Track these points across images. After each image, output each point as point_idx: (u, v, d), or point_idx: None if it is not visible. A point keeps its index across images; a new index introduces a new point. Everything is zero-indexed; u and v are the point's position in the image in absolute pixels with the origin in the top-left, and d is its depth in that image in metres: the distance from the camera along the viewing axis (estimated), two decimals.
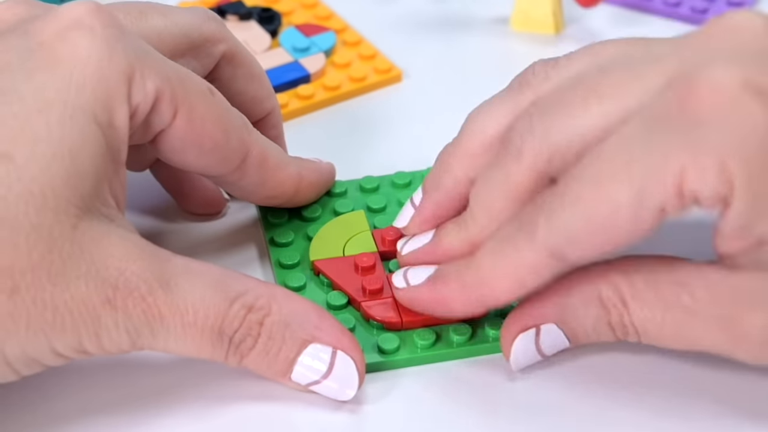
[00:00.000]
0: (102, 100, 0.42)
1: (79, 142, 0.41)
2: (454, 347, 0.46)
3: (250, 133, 0.47)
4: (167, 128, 0.44)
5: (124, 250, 0.41)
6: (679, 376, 0.46)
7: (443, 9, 0.67)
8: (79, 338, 0.41)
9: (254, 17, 0.64)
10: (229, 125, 0.46)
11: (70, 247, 0.40)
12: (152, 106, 0.43)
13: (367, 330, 0.47)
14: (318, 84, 0.61)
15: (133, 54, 0.43)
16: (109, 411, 0.44)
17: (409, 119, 0.59)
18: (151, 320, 0.41)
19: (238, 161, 0.47)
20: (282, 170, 0.49)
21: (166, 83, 0.44)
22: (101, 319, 0.41)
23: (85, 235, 0.41)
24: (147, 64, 0.43)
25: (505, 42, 0.64)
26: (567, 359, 0.46)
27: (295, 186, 0.50)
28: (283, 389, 0.44)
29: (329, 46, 0.62)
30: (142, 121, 0.44)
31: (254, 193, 0.49)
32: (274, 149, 0.49)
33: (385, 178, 0.54)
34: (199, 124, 0.45)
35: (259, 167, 0.47)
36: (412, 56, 0.63)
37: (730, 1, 0.65)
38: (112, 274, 0.41)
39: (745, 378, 0.46)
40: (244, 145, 0.47)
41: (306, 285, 0.49)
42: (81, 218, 0.41)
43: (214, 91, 0.46)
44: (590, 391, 0.45)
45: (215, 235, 0.52)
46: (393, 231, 0.50)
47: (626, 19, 0.66)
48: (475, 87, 0.61)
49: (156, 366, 0.46)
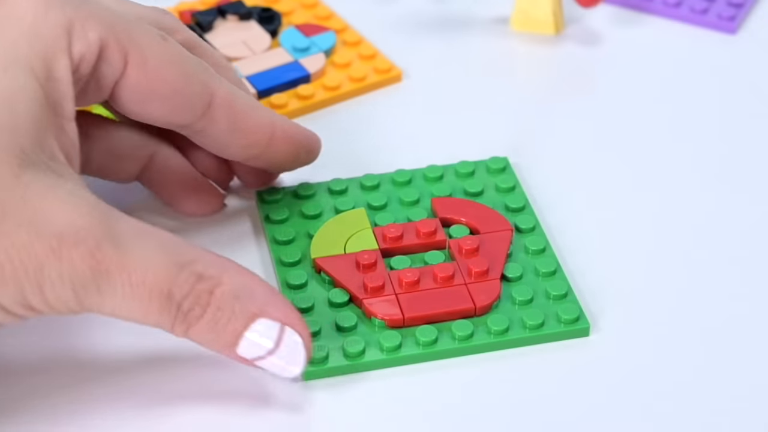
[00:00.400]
0: (39, 53, 0.42)
1: (14, 94, 0.41)
2: (456, 344, 0.46)
3: (212, 77, 0.47)
4: (121, 78, 0.44)
5: (73, 204, 0.40)
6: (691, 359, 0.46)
7: (443, 9, 0.67)
8: (22, 291, 0.40)
9: (254, 17, 0.64)
10: (188, 69, 0.46)
11: (10, 196, 0.40)
12: (98, 56, 0.43)
13: (369, 327, 0.47)
14: (318, 84, 0.61)
15: (71, 6, 0.43)
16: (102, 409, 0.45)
17: (409, 119, 0.59)
18: (98, 276, 0.40)
19: (203, 106, 0.46)
20: (252, 114, 0.48)
21: (109, 31, 0.43)
22: (44, 270, 0.40)
23: (29, 187, 0.40)
24: (88, 13, 0.43)
25: (505, 42, 0.64)
26: (567, 358, 0.46)
27: (269, 133, 0.48)
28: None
29: (329, 46, 0.62)
30: (90, 72, 0.43)
31: (226, 143, 0.48)
32: (242, 94, 0.48)
33: (386, 176, 0.54)
34: (153, 70, 0.44)
35: (228, 111, 0.47)
36: (412, 56, 0.63)
37: (730, 1, 0.65)
38: (57, 226, 0.40)
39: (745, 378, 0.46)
40: (207, 88, 0.46)
41: (307, 282, 0.49)
42: (24, 169, 0.40)
43: (167, 37, 0.46)
44: (594, 389, 0.45)
45: (216, 232, 0.52)
46: (394, 228, 0.50)
47: (626, 19, 0.66)
48: (475, 87, 0.61)
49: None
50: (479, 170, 0.54)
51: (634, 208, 0.54)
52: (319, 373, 0.45)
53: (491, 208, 0.52)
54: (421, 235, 0.50)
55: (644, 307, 0.49)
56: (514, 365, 0.46)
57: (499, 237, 0.50)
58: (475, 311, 0.47)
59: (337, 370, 0.46)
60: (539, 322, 0.47)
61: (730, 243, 0.52)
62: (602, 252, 0.51)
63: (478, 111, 0.60)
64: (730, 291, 0.50)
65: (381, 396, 0.45)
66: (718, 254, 0.51)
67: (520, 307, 0.48)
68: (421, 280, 0.48)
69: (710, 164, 0.56)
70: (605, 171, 0.56)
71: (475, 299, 0.47)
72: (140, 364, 0.46)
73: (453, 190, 0.53)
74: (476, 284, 0.48)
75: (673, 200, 0.54)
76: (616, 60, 0.63)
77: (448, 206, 0.52)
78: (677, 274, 0.50)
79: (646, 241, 0.52)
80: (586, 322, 0.47)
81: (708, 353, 0.47)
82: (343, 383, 0.45)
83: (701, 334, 0.48)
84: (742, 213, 0.53)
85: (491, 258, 0.49)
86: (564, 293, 0.48)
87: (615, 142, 0.58)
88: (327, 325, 0.47)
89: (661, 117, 0.59)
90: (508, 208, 0.52)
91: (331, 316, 0.47)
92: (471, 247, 0.49)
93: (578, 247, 0.51)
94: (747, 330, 0.48)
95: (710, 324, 0.48)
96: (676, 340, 0.47)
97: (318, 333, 0.46)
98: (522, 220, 0.51)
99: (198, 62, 0.47)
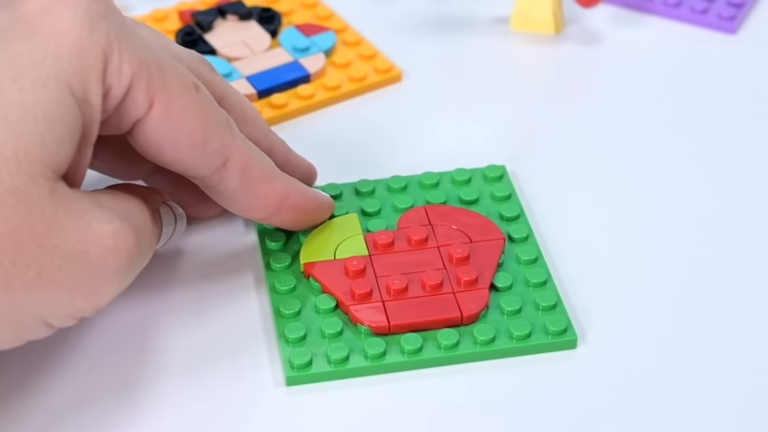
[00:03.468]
0: (78, 73, 0.42)
1: (54, 110, 0.41)
2: (441, 353, 0.46)
3: (235, 138, 0.46)
4: (142, 119, 0.44)
5: (104, 208, 0.42)
6: (679, 375, 0.46)
7: (443, 9, 0.67)
8: (72, 298, 0.41)
9: (254, 17, 0.64)
10: (211, 124, 0.45)
11: (52, 208, 0.40)
12: (126, 92, 0.43)
13: (355, 334, 0.47)
14: (318, 84, 0.61)
15: (115, 33, 0.43)
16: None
17: (409, 119, 0.59)
18: (142, 252, 0.43)
19: (217, 165, 0.46)
20: (266, 183, 0.47)
21: (143, 69, 0.43)
22: (101, 273, 0.41)
23: (65, 195, 0.41)
24: (127, 44, 0.43)
25: (505, 42, 0.64)
26: (553, 370, 0.46)
27: (279, 203, 0.48)
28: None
29: (329, 46, 0.62)
30: (116, 106, 0.43)
31: (233, 200, 0.48)
32: (261, 161, 0.47)
33: (381, 182, 0.54)
34: (176, 119, 0.44)
35: (241, 175, 0.46)
36: (412, 56, 0.63)
37: (730, 2, 0.65)
38: (108, 224, 0.41)
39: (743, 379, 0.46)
40: (226, 148, 0.46)
41: (296, 287, 0.49)
42: (57, 182, 0.41)
43: (200, 87, 0.45)
44: (580, 402, 0.45)
45: (207, 237, 0.52)
46: (385, 235, 0.50)
47: (626, 19, 0.66)
48: (475, 87, 0.61)
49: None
50: (476, 178, 0.54)
51: (631, 216, 0.53)
52: (302, 379, 0.46)
53: (485, 216, 0.52)
54: (413, 242, 0.50)
55: (634, 318, 0.49)
56: (500, 376, 0.46)
57: (490, 246, 0.50)
58: (461, 320, 0.47)
59: (320, 376, 0.46)
60: (526, 333, 0.47)
61: (725, 253, 0.52)
62: (595, 262, 0.51)
63: (478, 112, 0.60)
64: (722, 304, 0.49)
65: (364, 403, 0.45)
66: (713, 267, 0.51)
67: (507, 317, 0.48)
68: (410, 288, 0.48)
69: (710, 166, 0.56)
70: (604, 176, 0.56)
71: (462, 308, 0.47)
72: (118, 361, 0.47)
73: (448, 198, 0.53)
74: (464, 293, 0.48)
75: (672, 208, 0.54)
76: (616, 60, 0.63)
77: (440, 214, 0.52)
78: (671, 287, 0.50)
79: (641, 251, 0.52)
80: (573, 334, 0.47)
81: (698, 366, 0.47)
82: (326, 389, 0.46)
83: (690, 348, 0.47)
84: (740, 221, 0.53)
85: (481, 267, 0.49)
86: (553, 304, 0.48)
87: (614, 145, 0.57)
88: (312, 330, 0.47)
89: (660, 117, 0.59)
90: (502, 217, 0.52)
91: (317, 321, 0.47)
92: (461, 255, 0.49)
93: (572, 257, 0.51)
94: (739, 343, 0.48)
95: (700, 338, 0.48)
96: (664, 353, 0.47)
97: (303, 338, 0.47)
98: (515, 230, 0.51)
99: (223, 118, 0.46)
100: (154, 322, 0.48)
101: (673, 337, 0.48)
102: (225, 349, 0.47)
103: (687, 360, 0.47)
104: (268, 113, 0.59)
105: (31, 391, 0.45)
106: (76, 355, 0.47)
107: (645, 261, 0.51)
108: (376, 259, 0.50)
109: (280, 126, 0.59)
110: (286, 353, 0.46)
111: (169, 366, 0.46)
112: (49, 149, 0.40)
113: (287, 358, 0.46)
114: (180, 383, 0.46)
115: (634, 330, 0.48)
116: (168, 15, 0.64)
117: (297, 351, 0.46)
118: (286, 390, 0.46)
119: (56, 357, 0.46)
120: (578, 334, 0.47)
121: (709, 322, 0.48)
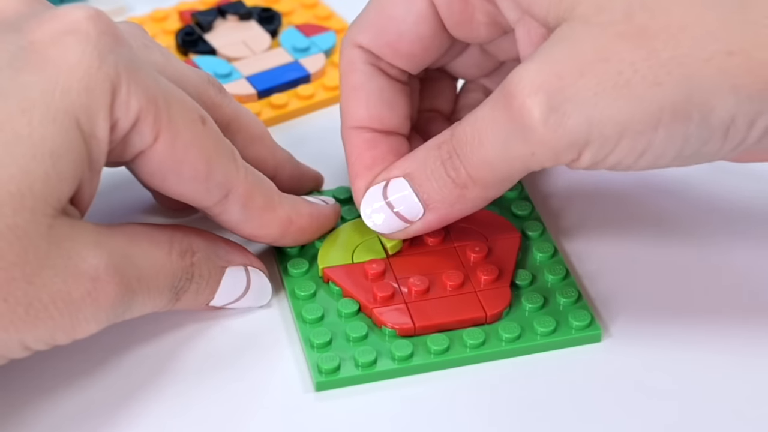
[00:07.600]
0: (86, 108, 0.41)
1: (61, 145, 0.41)
2: (468, 352, 0.46)
3: (238, 169, 0.46)
4: (146, 150, 0.44)
5: (100, 246, 0.42)
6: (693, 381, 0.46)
7: None
8: (53, 333, 0.41)
9: (254, 17, 0.63)
10: (215, 158, 0.45)
11: (46, 246, 0.40)
12: (133, 125, 0.43)
13: (380, 337, 0.47)
14: (318, 84, 0.60)
15: (123, 66, 0.42)
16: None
17: None
18: (127, 301, 0.43)
19: (219, 196, 0.46)
20: (269, 212, 0.47)
21: (151, 104, 0.43)
22: (80, 313, 0.41)
23: (60, 232, 0.41)
24: (135, 79, 0.43)
25: None
26: (579, 364, 0.46)
27: (282, 230, 0.48)
28: None
29: (329, 46, 0.62)
30: (121, 139, 0.43)
31: (237, 229, 0.48)
32: (264, 190, 0.47)
33: None
34: (180, 152, 0.44)
35: (243, 206, 0.46)
36: None
37: None
38: (91, 269, 0.41)
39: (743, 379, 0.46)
40: (228, 181, 0.46)
41: (316, 292, 0.49)
42: (56, 219, 0.41)
43: (207, 119, 0.45)
44: (607, 394, 0.46)
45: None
46: None
47: None
48: None
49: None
50: None
51: (644, 213, 0.53)
52: (330, 384, 0.45)
53: (498, 214, 0.52)
54: (429, 242, 0.50)
55: (655, 311, 0.49)
56: (526, 372, 0.46)
57: (507, 243, 0.50)
58: (486, 319, 0.47)
59: (348, 380, 0.46)
60: (551, 329, 0.47)
61: (742, 245, 0.52)
62: (611, 257, 0.51)
63: None
64: (745, 294, 0.49)
65: (394, 405, 0.45)
66: (731, 257, 0.51)
67: (530, 313, 0.48)
68: (431, 289, 0.48)
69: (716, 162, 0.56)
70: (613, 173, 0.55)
71: (486, 307, 0.47)
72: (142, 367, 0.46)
73: None
74: (486, 291, 0.48)
75: (686, 203, 0.54)
76: None
77: None
78: (689, 278, 0.50)
79: (656, 245, 0.52)
80: (597, 328, 0.47)
81: (721, 358, 0.47)
82: (355, 393, 0.46)
83: (714, 339, 0.47)
84: (752, 214, 0.53)
85: (500, 265, 0.49)
86: (575, 299, 0.48)
87: None
88: (337, 335, 0.47)
89: None
90: (515, 215, 0.52)
91: (341, 326, 0.47)
92: (480, 254, 0.49)
93: (587, 254, 0.51)
94: (764, 334, 0.48)
95: (724, 329, 0.48)
96: (688, 345, 0.47)
97: (329, 343, 0.46)
98: (529, 227, 0.51)
99: (227, 150, 0.46)
100: (176, 331, 0.48)
101: (696, 327, 0.48)
102: (249, 357, 0.47)
103: (712, 349, 0.47)
104: (268, 113, 0.59)
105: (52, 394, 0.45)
106: (112, 355, 0.47)
107: (661, 253, 0.51)
108: (394, 261, 0.49)
109: (280, 126, 0.59)
110: (314, 358, 0.46)
111: (193, 375, 0.46)
112: (53, 185, 0.40)
113: (315, 363, 0.46)
114: (202, 390, 0.46)
115: (656, 321, 0.48)
116: (168, 15, 0.64)
117: (324, 356, 0.45)
118: (315, 395, 0.45)
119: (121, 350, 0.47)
120: (601, 327, 0.47)
121: (732, 309, 0.49)
